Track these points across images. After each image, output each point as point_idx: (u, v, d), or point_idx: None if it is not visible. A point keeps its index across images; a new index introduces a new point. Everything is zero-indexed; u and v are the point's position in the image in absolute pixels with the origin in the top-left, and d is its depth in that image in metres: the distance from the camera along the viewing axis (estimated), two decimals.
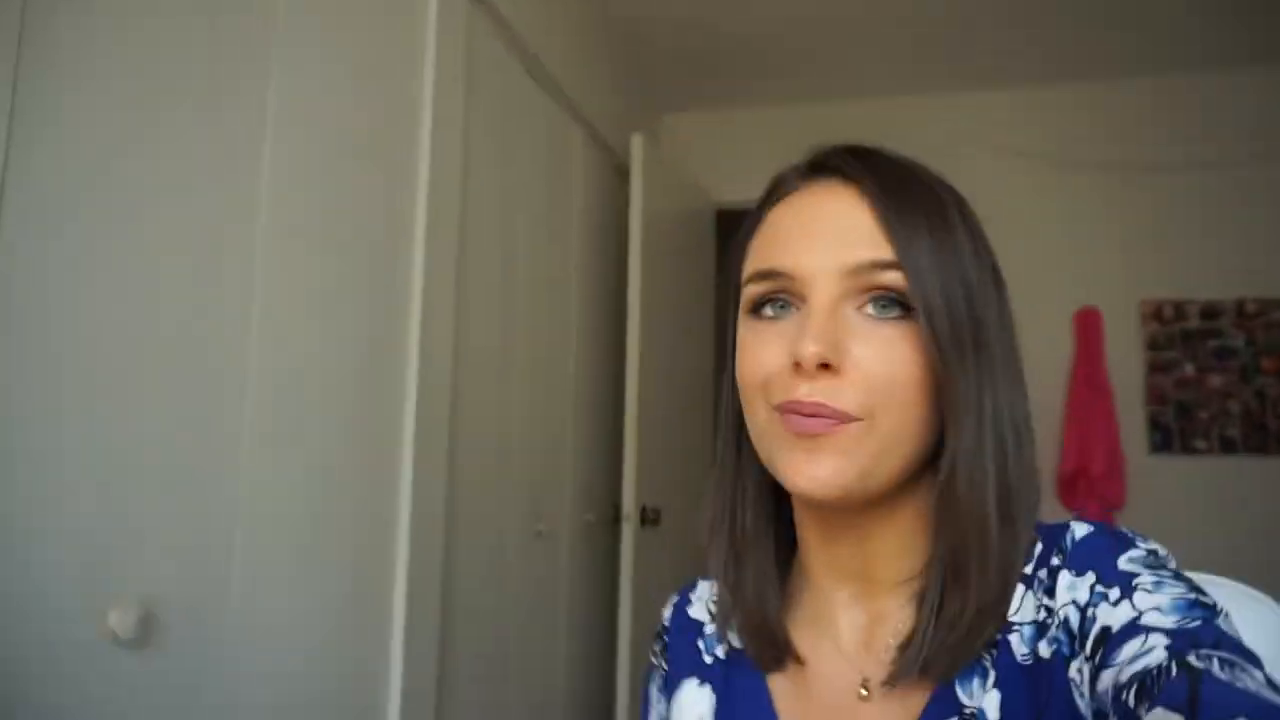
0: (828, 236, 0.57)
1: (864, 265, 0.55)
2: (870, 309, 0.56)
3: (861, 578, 0.61)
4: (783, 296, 0.58)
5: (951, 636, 0.54)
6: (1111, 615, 0.50)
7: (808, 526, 0.63)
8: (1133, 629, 0.48)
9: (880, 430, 0.54)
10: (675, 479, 2.70)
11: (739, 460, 0.65)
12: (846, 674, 0.60)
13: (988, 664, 0.55)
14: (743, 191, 2.40)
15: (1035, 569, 0.56)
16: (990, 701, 0.54)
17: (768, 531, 0.65)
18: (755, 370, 0.58)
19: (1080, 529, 0.56)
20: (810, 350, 0.53)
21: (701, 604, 0.72)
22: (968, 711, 0.55)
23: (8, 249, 0.91)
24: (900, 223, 0.56)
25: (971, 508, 0.55)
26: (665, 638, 0.73)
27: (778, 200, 0.62)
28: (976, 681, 0.55)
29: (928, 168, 0.62)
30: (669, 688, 0.70)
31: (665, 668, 0.71)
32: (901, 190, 0.57)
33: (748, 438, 0.62)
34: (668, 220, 2.77)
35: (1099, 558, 0.53)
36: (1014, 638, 0.55)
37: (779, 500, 0.65)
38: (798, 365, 0.54)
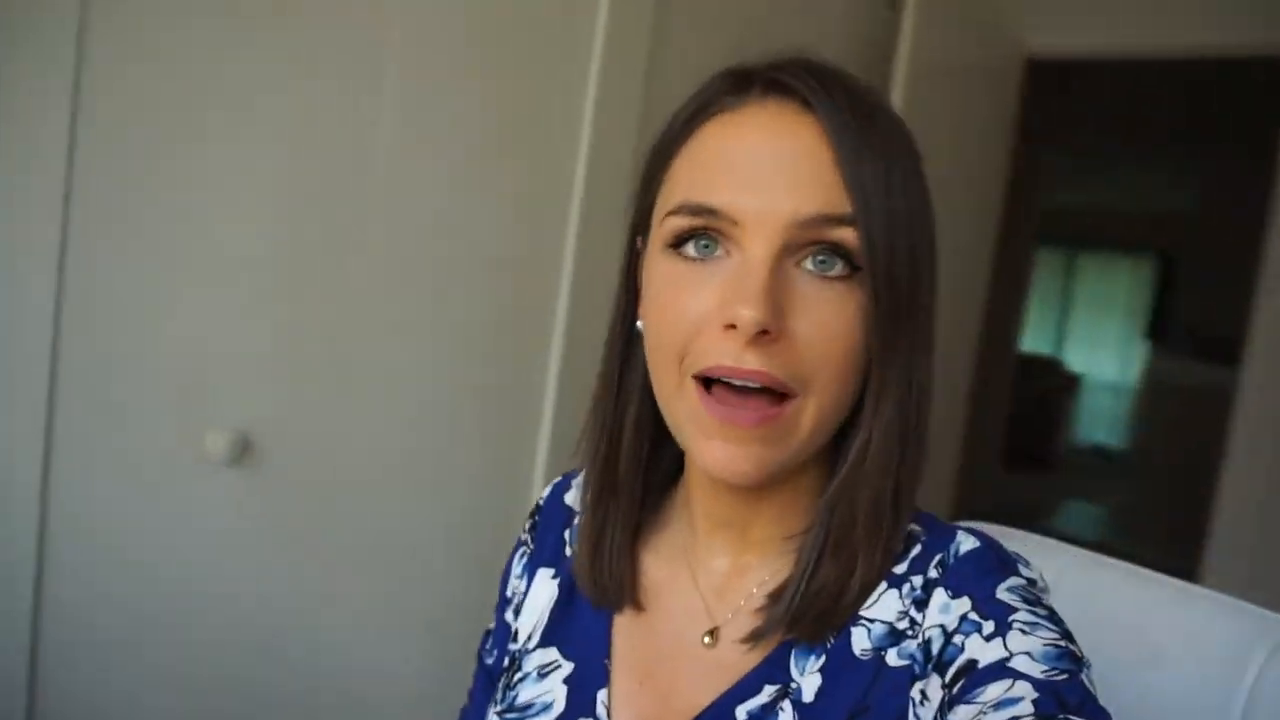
0: (778, 177, 0.50)
1: (816, 218, 0.49)
2: (811, 264, 0.50)
3: (738, 529, 0.59)
4: (711, 235, 0.51)
5: (822, 600, 0.53)
6: (981, 650, 0.48)
7: (697, 480, 0.60)
8: (1001, 670, 0.47)
9: (808, 411, 0.51)
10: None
11: (619, 396, 0.60)
12: (696, 619, 0.59)
13: (827, 646, 0.54)
14: (1068, 35, 1.88)
15: (908, 571, 0.54)
16: (810, 683, 0.53)
17: (638, 476, 0.62)
18: (674, 322, 0.52)
19: (966, 543, 0.54)
20: (751, 315, 0.47)
21: (578, 493, 0.68)
22: (793, 685, 0.54)
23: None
24: (861, 171, 0.49)
25: (874, 489, 0.53)
26: (537, 517, 0.71)
27: (715, 113, 0.53)
28: (810, 659, 0.54)
29: (880, 94, 0.55)
30: (531, 566, 0.68)
31: (531, 547, 0.70)
32: (866, 131, 0.50)
33: (632, 371, 0.59)
34: (951, 72, 2.01)
35: (978, 582, 0.51)
36: (857, 630, 0.54)
37: (658, 434, 0.60)
38: (731, 326, 0.49)
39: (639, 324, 0.57)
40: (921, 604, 0.52)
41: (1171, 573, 0.71)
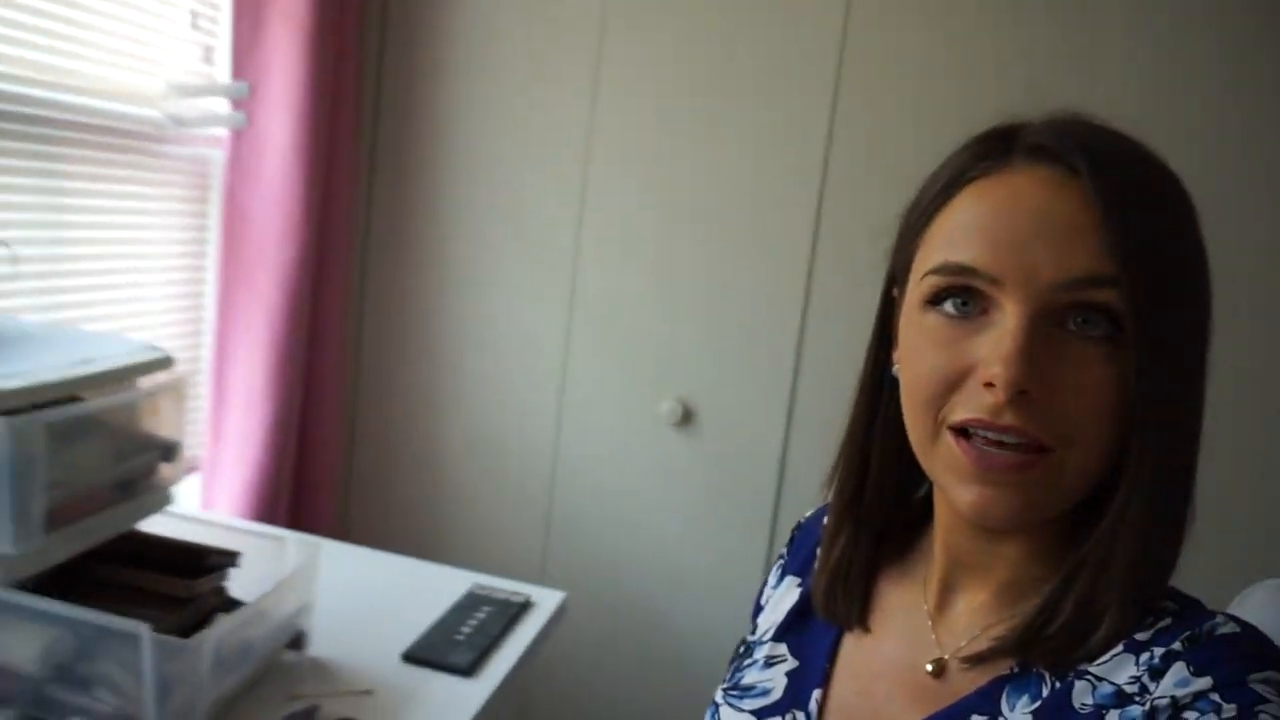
0: (1040, 239, 0.49)
1: (1079, 280, 0.48)
2: (1074, 325, 0.49)
3: (980, 571, 0.59)
4: (972, 293, 0.51)
5: (1056, 640, 0.52)
6: None
7: (942, 514, 0.60)
8: None
9: (1070, 464, 0.50)
10: None
11: (867, 436, 0.62)
12: (924, 648, 0.60)
13: (1043, 690, 0.52)
14: None
15: (1151, 641, 0.51)
16: None
17: (880, 511, 0.63)
18: (931, 375, 0.52)
19: (1225, 626, 0.50)
20: (1010, 376, 0.47)
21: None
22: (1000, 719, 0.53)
23: None
24: (1127, 231, 0.48)
25: (1130, 553, 0.51)
26: (796, 534, 0.76)
27: (971, 180, 0.53)
28: (1024, 700, 0.53)
29: (1152, 151, 0.52)
30: (781, 574, 0.73)
31: (786, 558, 0.74)
32: (1130, 188, 0.49)
33: (882, 412, 0.61)
34: None
35: (1229, 665, 0.47)
36: (1081, 685, 0.51)
37: (908, 473, 0.61)
38: (989, 385, 0.49)
39: (894, 369, 0.59)
40: (1157, 674, 0.49)
41: None
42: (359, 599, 1.21)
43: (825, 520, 0.67)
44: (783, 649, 0.67)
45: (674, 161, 1.63)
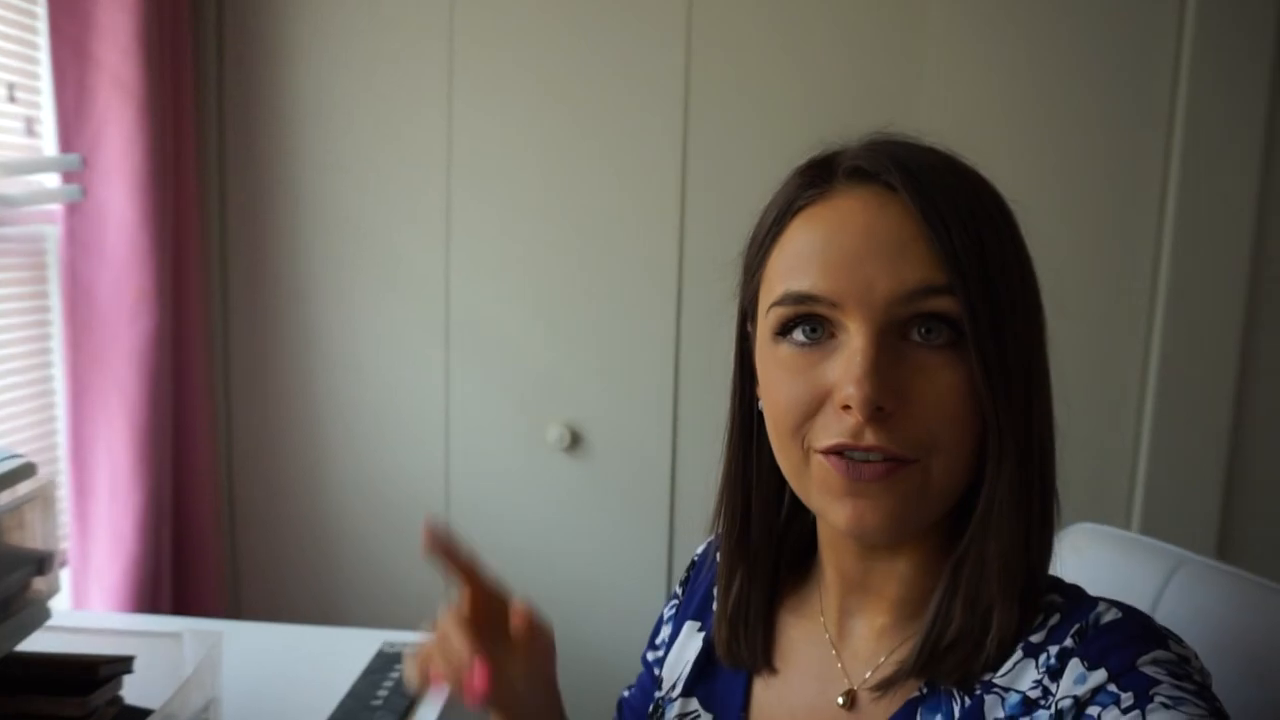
0: (872, 256, 0.51)
1: (915, 291, 0.50)
2: (918, 335, 0.51)
3: (873, 591, 0.60)
4: (816, 320, 0.53)
5: (956, 652, 0.53)
6: None
7: (828, 540, 0.62)
8: None
9: (935, 471, 0.51)
10: None
11: (744, 473, 0.62)
12: (832, 681, 0.60)
13: (955, 710, 0.54)
14: None
15: (1046, 640, 0.52)
16: None
17: (770, 548, 0.64)
18: (791, 406, 0.53)
19: (1108, 613, 0.52)
20: (864, 395, 0.49)
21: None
22: None
23: None
24: (952, 237, 0.50)
25: (1003, 546, 0.53)
26: (690, 571, 0.75)
27: (803, 207, 0.55)
28: (938, 719, 0.54)
29: (964, 161, 0.55)
30: (678, 619, 0.72)
31: (681, 599, 0.74)
32: (948, 198, 0.51)
33: (757, 448, 0.61)
34: None
35: (1118, 653, 0.49)
36: (991, 699, 0.53)
37: (790, 504, 0.63)
38: (846, 407, 0.50)
39: (760, 404, 0.59)
40: (1056, 673, 0.51)
41: None
42: (265, 680, 1.17)
43: (717, 561, 0.66)
44: (694, 705, 0.66)
45: (536, 181, 1.66)
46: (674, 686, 0.69)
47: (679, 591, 0.75)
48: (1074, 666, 0.50)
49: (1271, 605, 0.67)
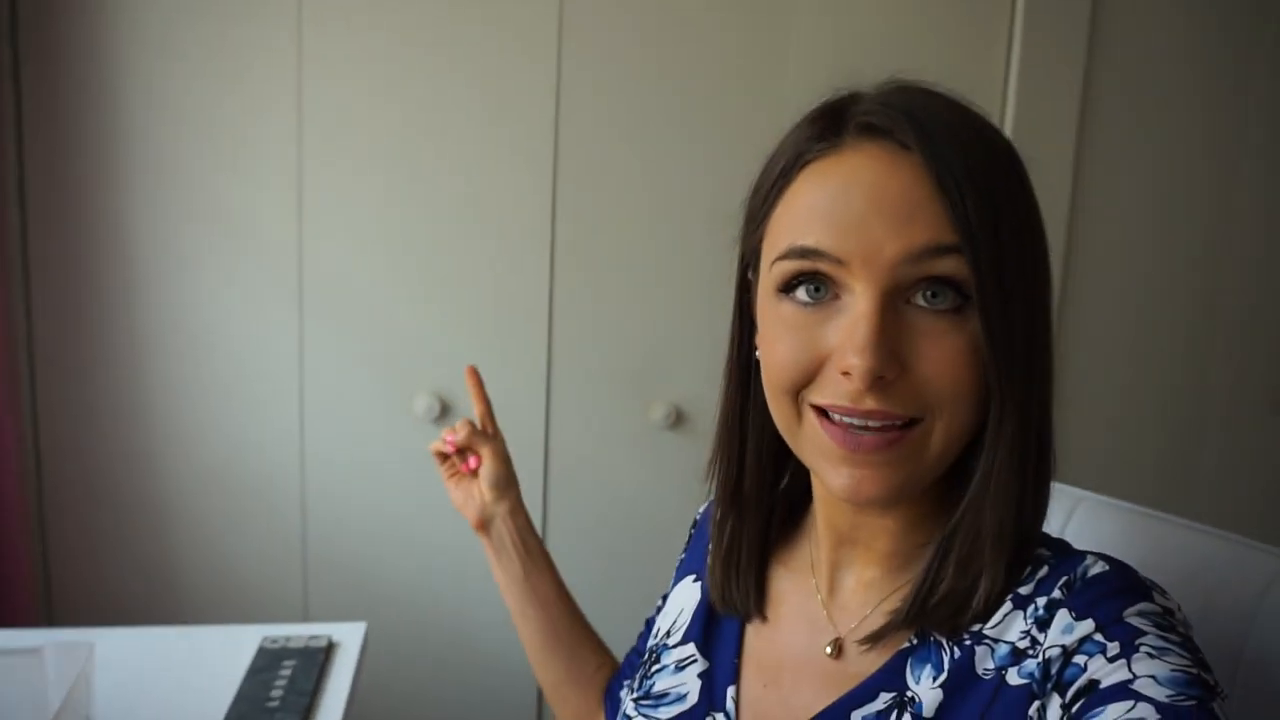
0: (879, 215, 0.49)
1: (923, 251, 0.49)
2: (922, 299, 0.50)
3: (864, 545, 0.61)
4: (821, 278, 0.52)
5: (945, 607, 0.54)
6: (1104, 671, 0.47)
7: (823, 497, 0.62)
8: (1122, 691, 0.45)
9: (935, 433, 0.51)
10: None
11: (741, 422, 0.62)
12: (820, 630, 0.61)
13: (945, 660, 0.55)
14: None
15: (1034, 592, 0.54)
16: (930, 697, 0.54)
17: (764, 498, 0.65)
18: (790, 364, 0.53)
19: (1095, 566, 0.53)
20: (867, 365, 0.48)
21: None
22: (907, 695, 0.55)
23: None
24: (964, 199, 0.48)
25: (999, 510, 0.53)
26: (693, 530, 0.77)
27: (811, 160, 0.53)
28: (928, 670, 0.55)
29: (983, 116, 0.54)
30: (680, 573, 0.74)
31: (684, 555, 0.76)
32: (962, 157, 0.49)
33: (753, 398, 0.61)
34: None
35: (1105, 605, 0.50)
36: (981, 650, 0.54)
37: (785, 455, 0.62)
38: (847, 373, 0.50)
39: (758, 353, 0.58)
40: (1044, 624, 0.52)
41: None
42: (140, 691, 1.04)
43: (712, 533, 0.67)
44: (691, 649, 0.67)
45: (397, 131, 1.54)
46: (669, 634, 0.70)
47: (683, 554, 0.77)
48: (1062, 617, 0.51)
49: (1157, 531, 0.76)
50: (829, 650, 0.60)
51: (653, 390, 1.64)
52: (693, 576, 0.72)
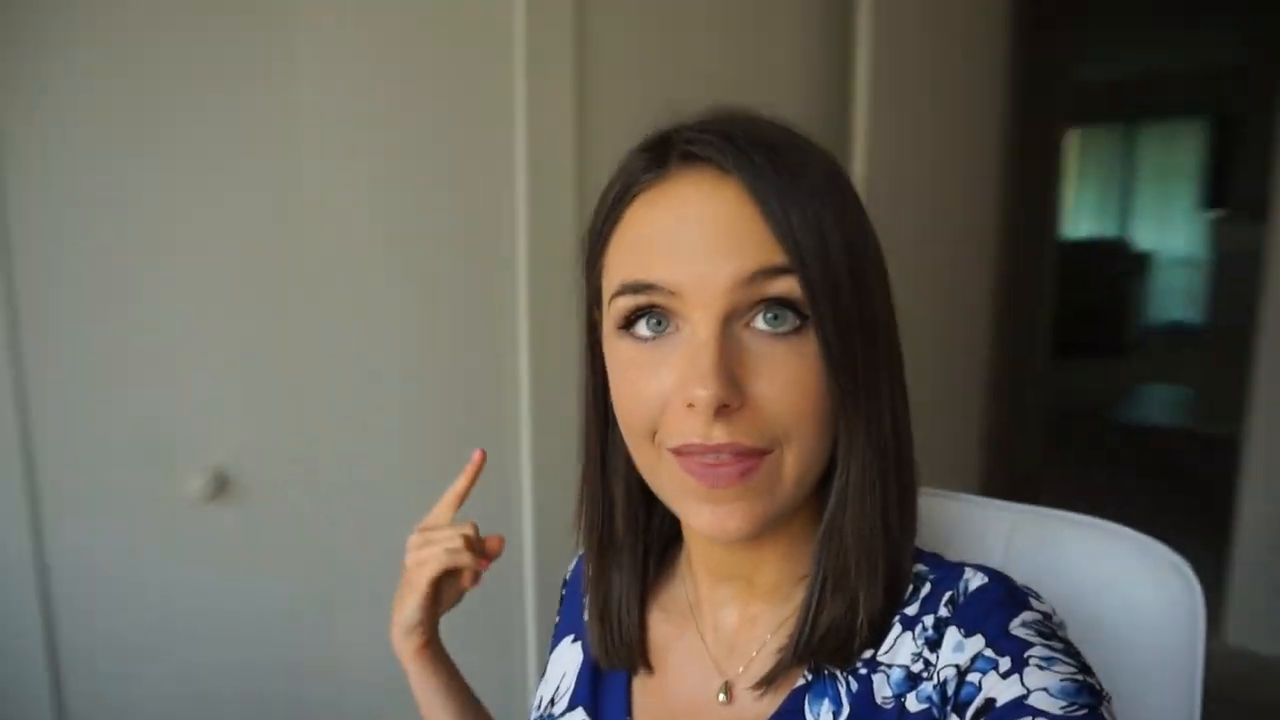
0: (709, 242, 0.49)
1: (755, 274, 0.48)
2: (762, 322, 0.49)
3: (743, 580, 0.59)
4: (658, 312, 0.51)
5: (832, 638, 0.53)
6: (999, 688, 0.47)
7: (693, 536, 0.61)
8: (1019, 708, 0.45)
9: (789, 461, 0.50)
10: None
11: (604, 467, 0.60)
12: (708, 676, 0.59)
13: (842, 693, 0.54)
14: None
15: (920, 611, 0.53)
16: None
17: (637, 541, 0.62)
18: (638, 405, 0.51)
19: (975, 579, 0.53)
20: (707, 394, 0.47)
21: None
22: None
23: None
24: (789, 218, 0.48)
25: (860, 525, 0.53)
26: (564, 590, 0.74)
27: (639, 192, 0.52)
28: (826, 706, 0.54)
29: (804, 136, 0.53)
30: (556, 637, 0.71)
31: (558, 619, 0.72)
32: (788, 180, 0.49)
33: (614, 441, 0.59)
34: None
35: (991, 618, 0.50)
36: (878, 677, 0.53)
37: (653, 495, 0.59)
38: (691, 405, 0.48)
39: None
40: (934, 644, 0.52)
41: None
42: None
43: (585, 580, 0.64)
44: (580, 715, 0.64)
45: (136, 134, 1.10)
46: (553, 702, 0.66)
47: (557, 614, 0.73)
48: (951, 635, 0.51)
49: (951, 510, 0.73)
50: (721, 697, 0.58)
51: (184, 456, 1.16)
52: (571, 637, 0.69)
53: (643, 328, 0.51)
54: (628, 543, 0.62)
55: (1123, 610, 0.65)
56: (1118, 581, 0.66)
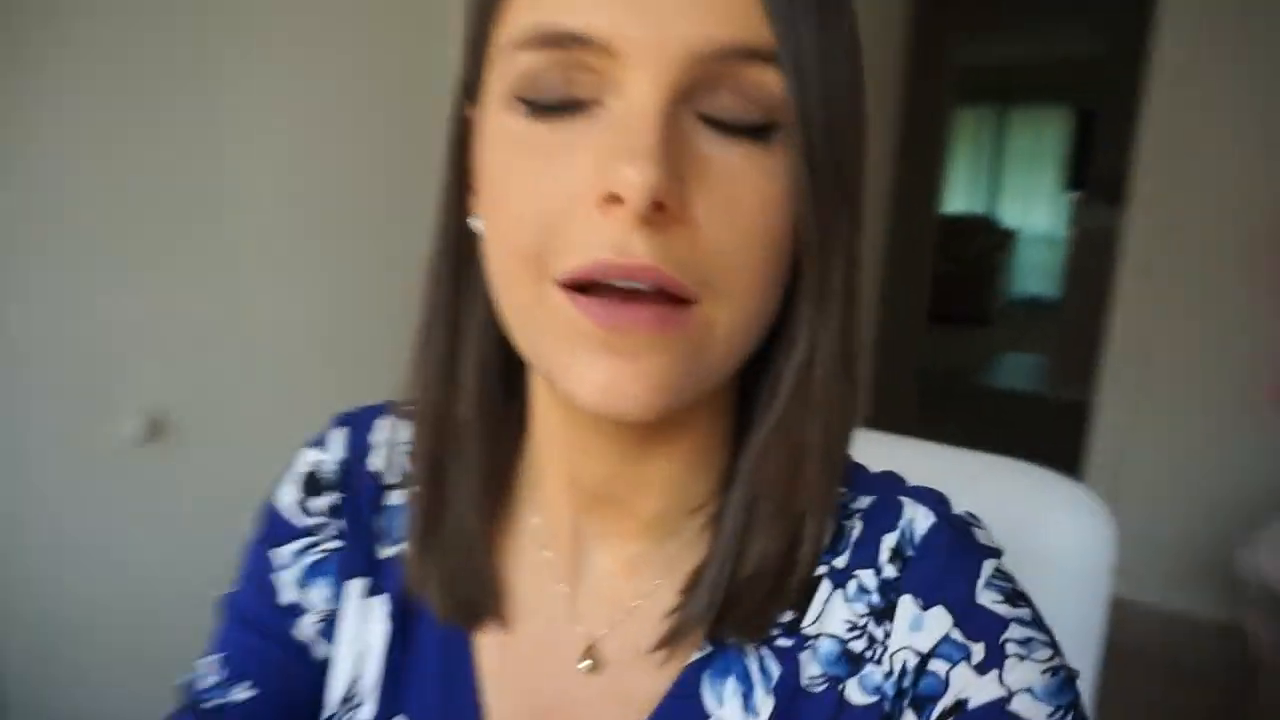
0: None
1: (728, 49, 0.34)
2: (720, 116, 0.35)
3: (620, 507, 0.43)
4: (577, 79, 0.35)
5: (757, 588, 0.40)
6: (972, 686, 0.38)
7: (556, 428, 0.43)
8: (1000, 716, 0.37)
9: (721, 321, 0.36)
10: None
11: (455, 322, 0.43)
12: (568, 638, 0.45)
13: (753, 671, 0.41)
14: None
15: (852, 563, 0.42)
16: None
17: (487, 430, 0.44)
18: (526, 208, 0.35)
19: (920, 517, 0.42)
20: (645, 179, 0.32)
21: (384, 452, 0.49)
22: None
23: None
24: None
25: (825, 424, 0.39)
26: (327, 491, 0.49)
27: None
28: (731, 687, 0.41)
29: None
30: (319, 572, 0.49)
31: (311, 536, 0.49)
32: None
33: (470, 286, 0.43)
34: None
35: (949, 580, 0.40)
36: (804, 655, 0.41)
37: (510, 372, 0.44)
38: (613, 199, 0.33)
39: (475, 219, 0.41)
40: (881, 614, 0.41)
41: None
42: None
43: (401, 459, 0.47)
44: None
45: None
46: (353, 699, 0.47)
47: (304, 522, 0.49)
48: (907, 606, 0.40)
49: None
50: (583, 665, 0.43)
51: (118, 398, 1.11)
52: (362, 586, 0.47)
53: (548, 98, 0.36)
54: (476, 426, 0.44)
55: (1041, 547, 0.61)
56: (1038, 518, 0.62)
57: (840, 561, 0.42)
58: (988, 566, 0.41)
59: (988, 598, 0.40)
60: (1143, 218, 2.28)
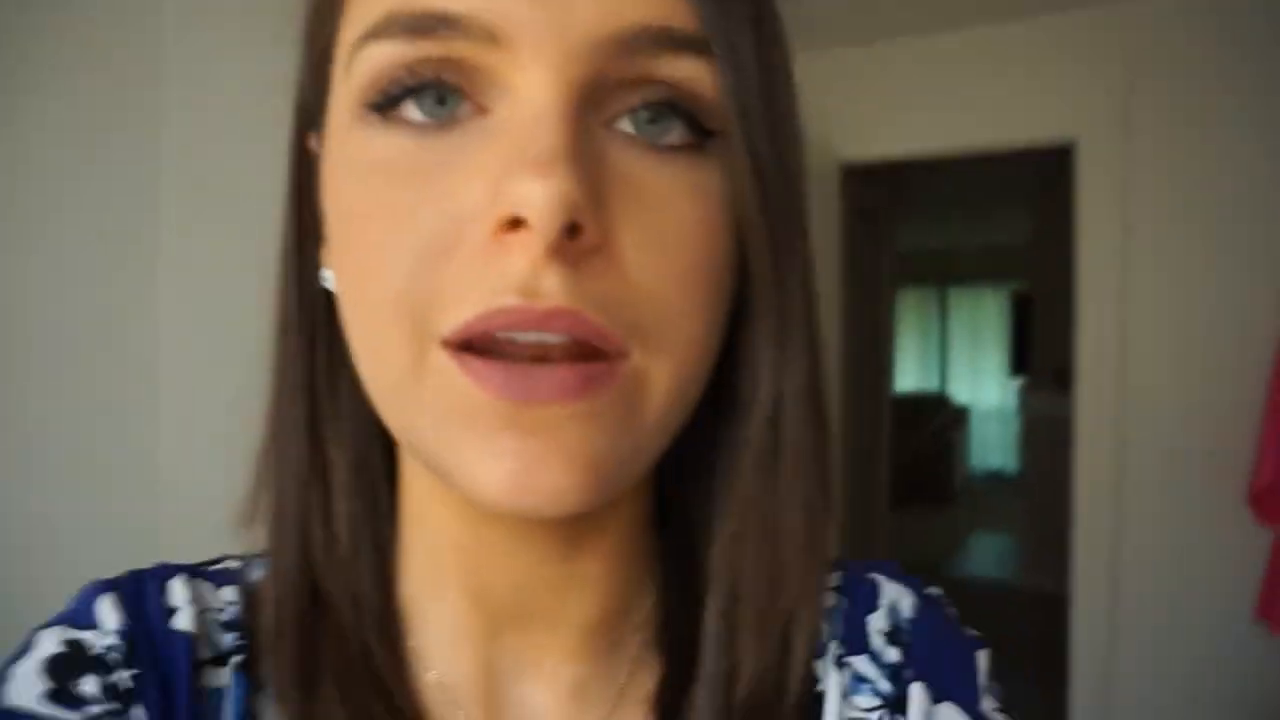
0: None
1: (642, 34, 0.27)
2: (632, 125, 0.28)
3: (547, 619, 0.34)
4: (448, 81, 0.27)
5: (761, 714, 0.33)
6: None
7: (448, 530, 0.33)
8: None
9: (657, 378, 0.28)
10: None
11: (314, 413, 0.34)
12: None
13: None
14: (877, 143, 2.19)
15: (847, 649, 0.36)
16: None
17: (371, 546, 0.34)
18: (397, 249, 0.27)
19: (902, 598, 0.38)
20: (548, 192, 0.25)
21: (192, 614, 0.33)
22: None
23: None
24: None
25: (805, 498, 0.32)
26: (131, 666, 0.32)
27: None
28: None
29: None
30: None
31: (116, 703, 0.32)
32: None
33: (332, 369, 0.34)
34: None
35: (954, 676, 0.36)
36: None
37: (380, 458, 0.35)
38: (512, 225, 0.26)
39: (325, 276, 0.33)
40: (896, 705, 0.35)
41: None
42: None
43: (225, 639, 0.34)
44: None
45: None
46: None
47: (102, 713, 0.32)
48: (918, 695, 0.35)
49: None
50: None
51: None
52: None
53: (414, 108, 0.28)
54: (364, 554, 0.34)
55: None
56: None
57: (835, 648, 0.36)
58: (981, 661, 0.38)
59: (988, 704, 0.36)
60: (1092, 407, 2.25)
